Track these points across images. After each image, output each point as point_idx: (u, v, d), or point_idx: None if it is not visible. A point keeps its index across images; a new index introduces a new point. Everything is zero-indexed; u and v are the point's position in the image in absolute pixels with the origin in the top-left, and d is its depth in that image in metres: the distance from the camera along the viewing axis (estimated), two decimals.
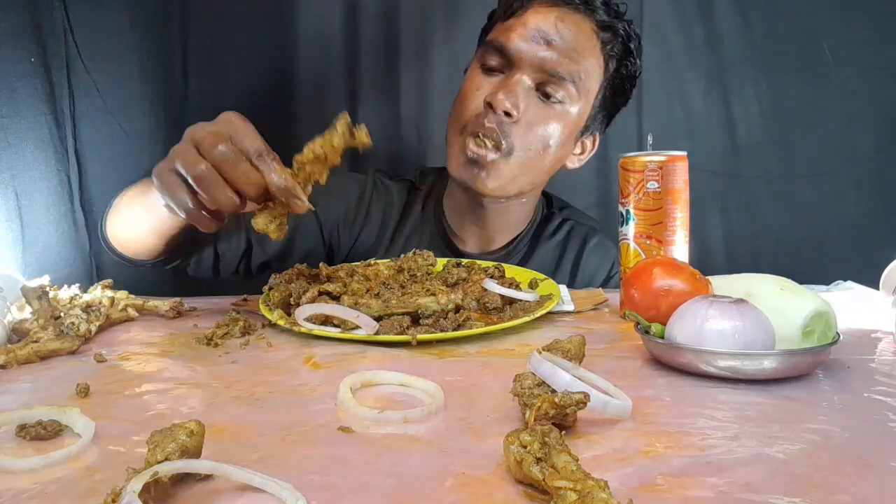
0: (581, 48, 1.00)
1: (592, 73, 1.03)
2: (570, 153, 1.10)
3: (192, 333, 0.77)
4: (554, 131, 1.02)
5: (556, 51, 0.99)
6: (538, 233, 1.16)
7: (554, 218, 1.18)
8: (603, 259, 1.16)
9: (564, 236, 1.17)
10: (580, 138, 1.09)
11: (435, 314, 0.77)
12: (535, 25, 0.99)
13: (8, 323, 0.73)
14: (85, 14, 1.16)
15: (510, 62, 1.01)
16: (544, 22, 0.99)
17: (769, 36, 1.44)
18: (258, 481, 0.39)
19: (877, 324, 0.78)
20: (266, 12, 1.38)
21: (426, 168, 1.24)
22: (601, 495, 0.35)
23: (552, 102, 1.01)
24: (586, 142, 1.12)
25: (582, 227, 1.18)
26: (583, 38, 1.01)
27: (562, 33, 0.99)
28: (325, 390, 0.58)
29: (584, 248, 1.16)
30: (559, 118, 1.02)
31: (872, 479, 0.42)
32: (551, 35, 0.99)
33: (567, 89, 1.01)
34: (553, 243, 1.16)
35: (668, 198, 0.83)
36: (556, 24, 0.99)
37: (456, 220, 1.14)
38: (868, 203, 1.47)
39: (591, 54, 1.02)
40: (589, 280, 1.14)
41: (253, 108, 1.38)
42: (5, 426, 0.50)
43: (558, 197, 1.23)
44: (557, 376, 0.50)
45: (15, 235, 1.08)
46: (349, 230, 1.14)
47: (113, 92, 1.20)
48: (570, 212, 1.21)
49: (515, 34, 1.00)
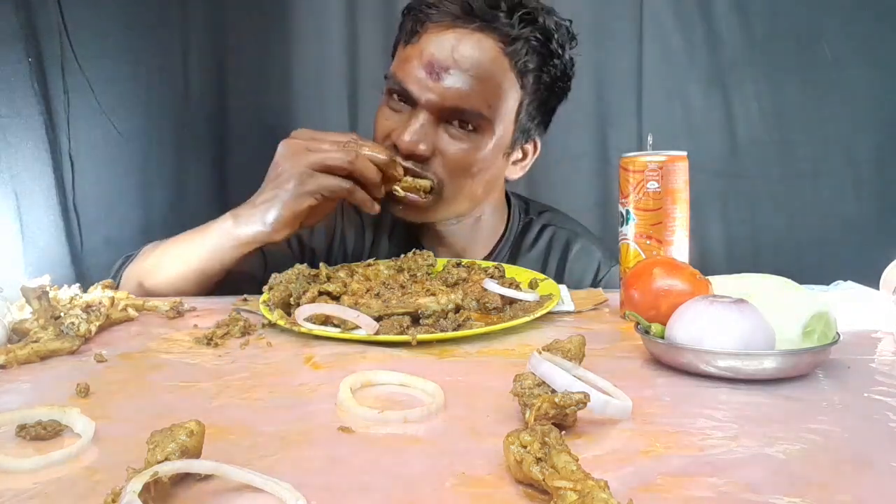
0: (485, 72, 0.92)
1: (507, 93, 0.95)
2: (504, 168, 1.04)
3: (192, 333, 0.76)
4: (474, 158, 0.96)
5: (456, 80, 0.91)
6: (517, 244, 1.11)
7: (533, 225, 1.13)
8: (588, 265, 1.12)
9: (546, 245, 1.12)
10: (514, 149, 1.03)
11: (435, 314, 0.77)
12: (430, 56, 0.92)
13: (8, 323, 0.73)
14: (79, 13, 1.15)
15: (411, 98, 0.94)
16: (440, 50, 0.91)
17: (769, 36, 1.45)
18: (258, 481, 0.39)
19: (877, 324, 0.78)
20: (265, 12, 1.38)
21: None
22: (601, 495, 0.35)
23: (465, 131, 0.95)
24: (526, 147, 1.05)
25: (563, 232, 1.13)
26: (486, 60, 0.92)
27: (460, 61, 0.91)
28: (325, 390, 0.58)
29: (567, 255, 1.11)
30: (476, 144, 0.96)
31: (872, 479, 0.42)
32: (448, 65, 0.91)
33: (476, 121, 0.94)
34: (535, 254, 1.11)
35: (668, 198, 0.83)
36: (452, 51, 0.91)
37: (426, 242, 1.08)
38: (868, 203, 1.47)
39: (499, 74, 0.93)
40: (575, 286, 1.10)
41: (251, 108, 1.39)
42: (5, 426, 0.50)
43: (536, 201, 1.19)
44: (557, 376, 0.50)
45: (15, 235, 1.08)
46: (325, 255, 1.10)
47: (107, 92, 1.20)
48: (550, 216, 1.15)
49: (412, 68, 0.93)
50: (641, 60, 1.42)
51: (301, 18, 1.39)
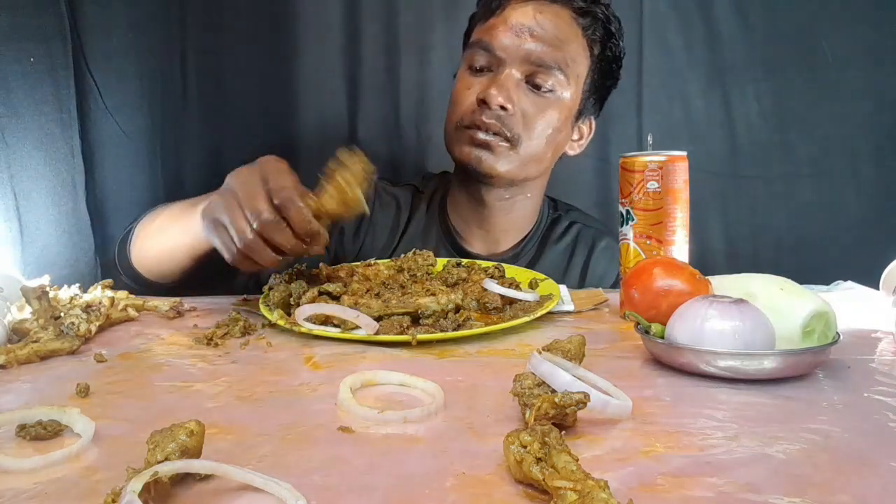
0: (563, 36, 1.04)
1: (578, 58, 1.06)
2: (568, 139, 1.12)
3: (192, 333, 0.76)
4: (550, 118, 1.05)
5: (540, 41, 1.02)
6: (546, 236, 1.16)
7: (561, 220, 1.18)
8: (612, 262, 1.15)
9: (573, 239, 1.17)
10: (576, 124, 1.12)
11: (435, 314, 0.77)
12: (515, 21, 1.03)
13: (8, 323, 0.73)
14: (87, 14, 1.16)
15: (497, 59, 1.04)
16: (524, 16, 1.03)
17: (769, 36, 1.44)
18: (258, 481, 0.39)
19: (877, 324, 0.78)
20: (266, 13, 1.38)
21: (428, 173, 1.25)
22: (601, 495, 0.35)
23: (543, 92, 1.04)
24: (583, 127, 1.14)
25: (590, 229, 1.18)
26: (563, 25, 1.04)
27: (542, 24, 1.03)
28: (325, 390, 0.58)
29: (593, 251, 1.16)
30: (553, 105, 1.05)
31: (872, 479, 0.42)
32: (532, 27, 1.02)
33: (556, 77, 1.04)
34: (561, 247, 1.16)
35: (668, 198, 0.83)
36: (535, 16, 1.03)
37: (460, 223, 1.14)
38: (868, 203, 1.47)
39: (574, 40, 1.05)
40: (597, 284, 1.13)
41: (253, 108, 1.39)
42: (5, 426, 0.50)
43: (562, 201, 1.23)
44: (557, 376, 0.50)
45: (14, 235, 1.08)
46: (353, 239, 1.14)
47: (113, 93, 1.20)
48: (577, 214, 1.21)
49: (498, 31, 1.04)
50: (641, 60, 1.42)
51: (301, 19, 1.39)
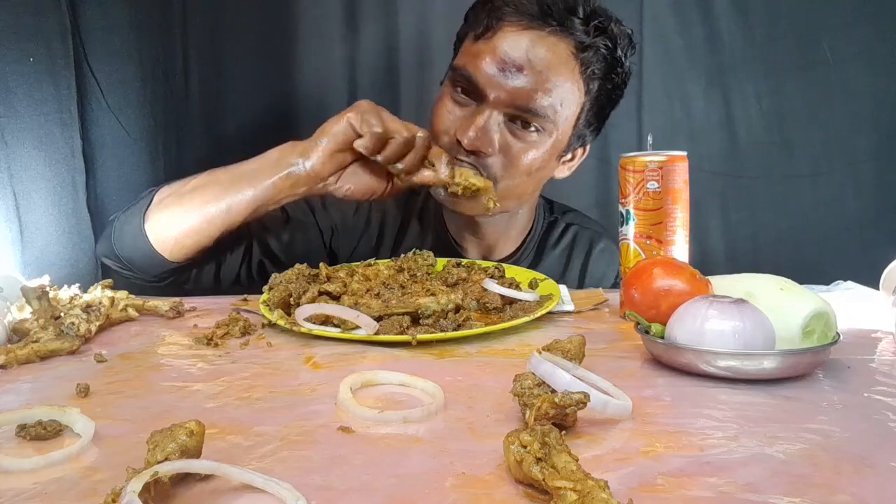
0: (556, 76, 0.93)
1: (570, 100, 0.96)
2: (554, 169, 1.05)
3: (192, 333, 0.76)
4: (533, 158, 0.97)
5: (528, 81, 0.92)
6: (543, 240, 1.15)
7: (558, 224, 1.17)
8: (610, 264, 1.15)
9: (570, 242, 1.16)
10: (564, 156, 1.04)
11: (435, 314, 0.77)
12: (504, 53, 0.92)
13: (8, 323, 0.73)
14: (88, 13, 1.16)
15: (479, 94, 0.94)
16: (515, 49, 0.92)
17: (769, 36, 1.45)
18: (258, 481, 0.39)
19: (877, 324, 0.78)
20: (267, 13, 1.38)
21: None
22: (601, 495, 0.35)
23: (528, 131, 0.96)
24: (576, 151, 1.07)
25: (587, 231, 1.17)
26: (558, 63, 0.93)
27: (534, 62, 0.92)
28: (325, 390, 0.58)
29: (591, 253, 1.15)
30: (537, 146, 0.97)
31: (872, 479, 0.42)
32: (522, 64, 0.92)
33: (541, 122, 0.95)
34: (559, 250, 1.15)
35: (668, 198, 0.83)
36: (527, 50, 0.92)
37: (455, 230, 1.12)
38: (868, 203, 1.47)
39: (567, 80, 0.94)
40: (596, 286, 1.13)
41: (254, 107, 1.39)
42: (5, 426, 0.50)
43: (559, 202, 1.22)
44: (557, 376, 0.50)
45: (14, 235, 1.08)
46: (348, 237, 1.12)
47: (114, 92, 1.20)
48: (573, 216, 1.19)
49: (484, 63, 0.93)
50: (641, 61, 1.42)
51: (301, 19, 1.40)
